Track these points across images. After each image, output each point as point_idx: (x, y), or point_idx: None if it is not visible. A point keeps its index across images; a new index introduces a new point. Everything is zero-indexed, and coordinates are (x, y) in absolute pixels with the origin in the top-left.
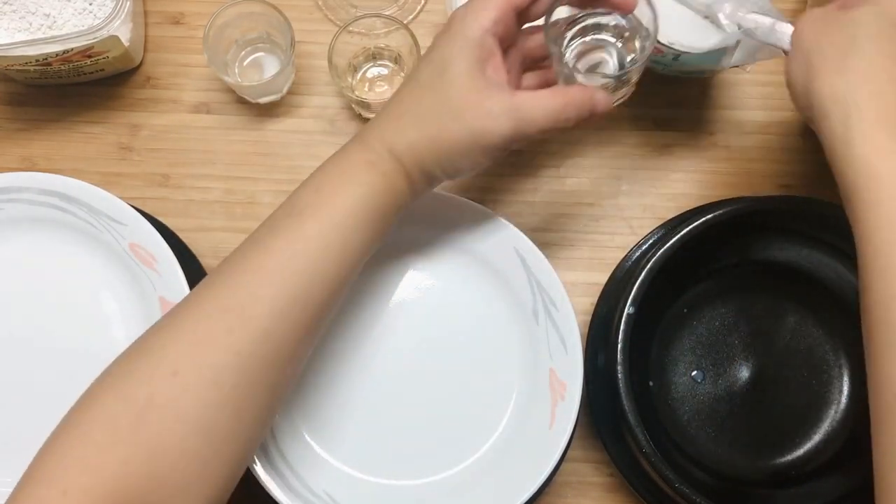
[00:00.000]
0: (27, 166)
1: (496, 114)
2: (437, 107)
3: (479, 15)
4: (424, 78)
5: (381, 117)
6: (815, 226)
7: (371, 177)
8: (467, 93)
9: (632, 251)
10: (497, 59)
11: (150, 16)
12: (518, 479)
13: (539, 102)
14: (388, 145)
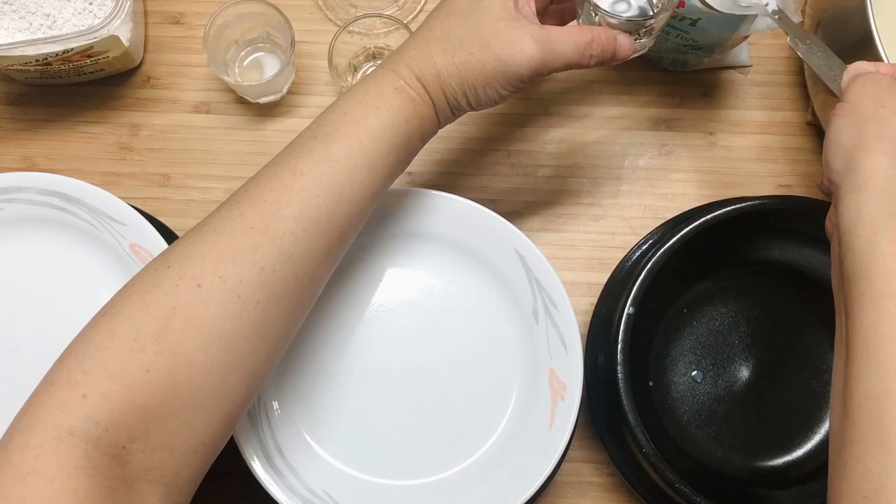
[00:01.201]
0: (27, 166)
1: (525, 43)
2: (467, 34)
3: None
4: (456, 5)
5: (410, 43)
6: (815, 226)
7: (399, 102)
8: (498, 21)
9: (632, 251)
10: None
11: (150, 16)
12: (518, 479)
13: (566, 36)
14: (416, 72)
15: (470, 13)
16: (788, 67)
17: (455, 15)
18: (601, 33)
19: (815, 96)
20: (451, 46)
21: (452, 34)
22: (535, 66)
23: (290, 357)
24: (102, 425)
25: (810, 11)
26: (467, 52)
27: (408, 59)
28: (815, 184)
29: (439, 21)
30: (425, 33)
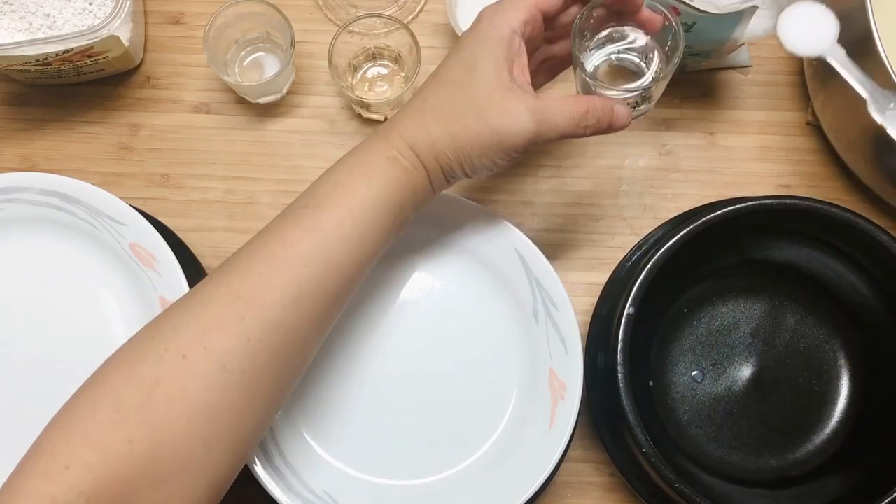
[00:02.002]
0: (27, 166)
1: (520, 114)
2: (462, 104)
3: (509, 15)
4: (451, 76)
5: (404, 113)
6: (815, 226)
7: (392, 172)
8: (493, 92)
9: (632, 251)
10: (523, 60)
11: (150, 16)
12: (518, 479)
13: (561, 106)
14: (410, 141)
15: (464, 83)
16: (788, 67)
17: (449, 85)
18: (597, 104)
19: (815, 96)
20: (447, 117)
21: (447, 104)
22: (530, 137)
23: None
24: (85, 496)
25: None
26: (462, 122)
27: (401, 129)
28: None
29: (433, 91)
30: (419, 103)
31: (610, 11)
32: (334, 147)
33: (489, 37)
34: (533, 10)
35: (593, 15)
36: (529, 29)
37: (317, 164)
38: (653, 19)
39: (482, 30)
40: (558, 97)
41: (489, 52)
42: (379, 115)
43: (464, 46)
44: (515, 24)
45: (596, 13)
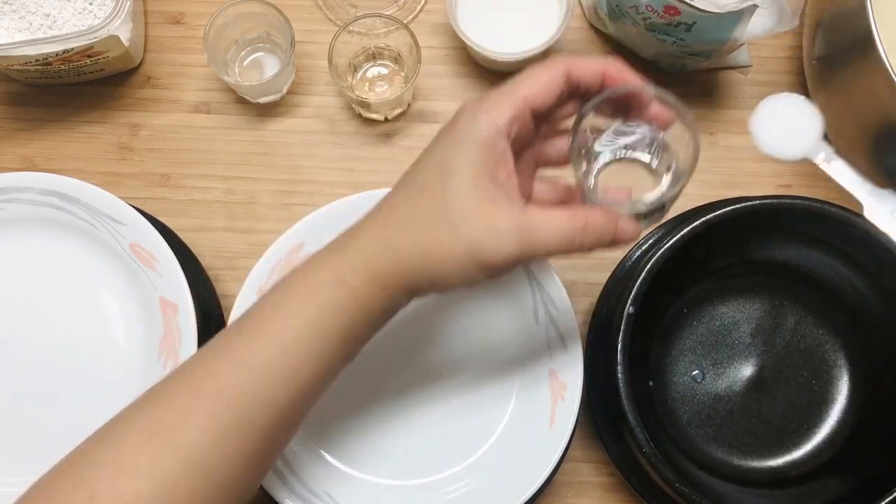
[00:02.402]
0: (27, 166)
1: (501, 231)
2: (435, 216)
3: (492, 112)
4: (424, 180)
5: (368, 222)
6: (815, 226)
7: (338, 294)
8: (471, 203)
9: (632, 251)
10: (508, 165)
11: (150, 16)
12: (518, 479)
13: (553, 224)
14: (369, 258)
15: (439, 191)
16: (789, 67)
17: (421, 191)
18: (598, 219)
19: (815, 96)
20: (415, 230)
21: (418, 215)
22: (513, 258)
23: None
24: None
25: (810, 11)
26: (434, 237)
27: (361, 242)
28: None
29: (403, 196)
30: (385, 211)
31: (614, 107)
32: (334, 147)
33: (469, 138)
34: (521, 106)
35: (595, 112)
36: (517, 128)
37: (317, 164)
38: (664, 115)
39: (461, 129)
40: (551, 211)
41: (468, 155)
42: (379, 115)
43: (440, 146)
44: (500, 123)
45: (598, 110)
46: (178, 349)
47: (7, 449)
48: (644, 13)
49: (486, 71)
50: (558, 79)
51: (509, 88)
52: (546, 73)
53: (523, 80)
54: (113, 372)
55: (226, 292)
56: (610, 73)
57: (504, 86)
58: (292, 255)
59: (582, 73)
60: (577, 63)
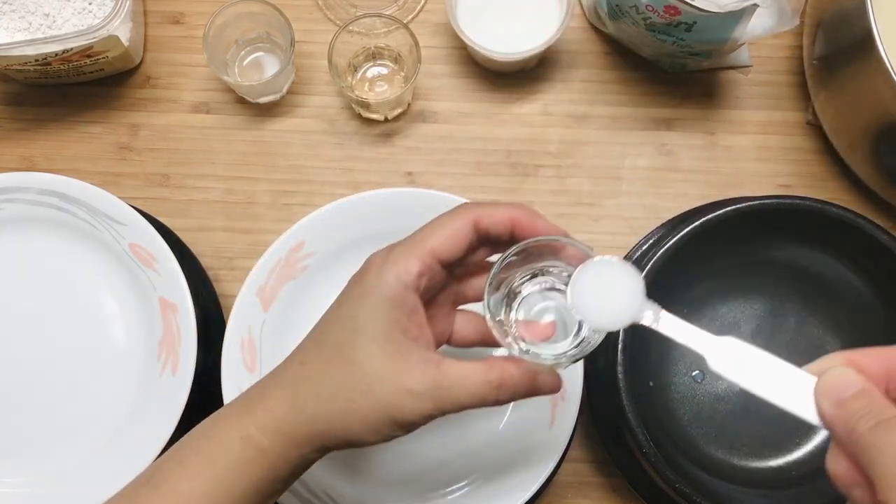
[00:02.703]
0: (27, 166)
1: (415, 392)
2: (346, 377)
3: (399, 267)
4: (333, 338)
5: (278, 378)
6: (815, 226)
7: (245, 454)
8: (382, 362)
9: (632, 251)
10: (420, 318)
11: (150, 16)
12: (518, 479)
13: (467, 382)
14: (278, 419)
15: (348, 350)
16: (788, 67)
17: (331, 350)
18: (514, 374)
19: (815, 96)
20: (326, 391)
21: (328, 375)
22: (429, 416)
23: None
24: None
25: (810, 11)
26: (347, 400)
27: (270, 402)
28: None
29: (312, 353)
30: (295, 367)
31: (528, 254)
32: (334, 147)
33: (376, 294)
34: (427, 260)
35: (509, 265)
36: (426, 280)
37: (316, 164)
38: (580, 256)
39: (369, 285)
40: (466, 367)
41: (377, 312)
42: (379, 115)
43: (348, 302)
44: (407, 279)
45: (512, 261)
46: (178, 349)
47: (7, 449)
48: (644, 13)
49: (486, 71)
50: (466, 230)
51: (417, 240)
52: (453, 225)
53: (430, 231)
54: (113, 372)
55: (225, 292)
56: (519, 221)
57: (412, 237)
58: (292, 255)
59: (490, 223)
60: (484, 213)
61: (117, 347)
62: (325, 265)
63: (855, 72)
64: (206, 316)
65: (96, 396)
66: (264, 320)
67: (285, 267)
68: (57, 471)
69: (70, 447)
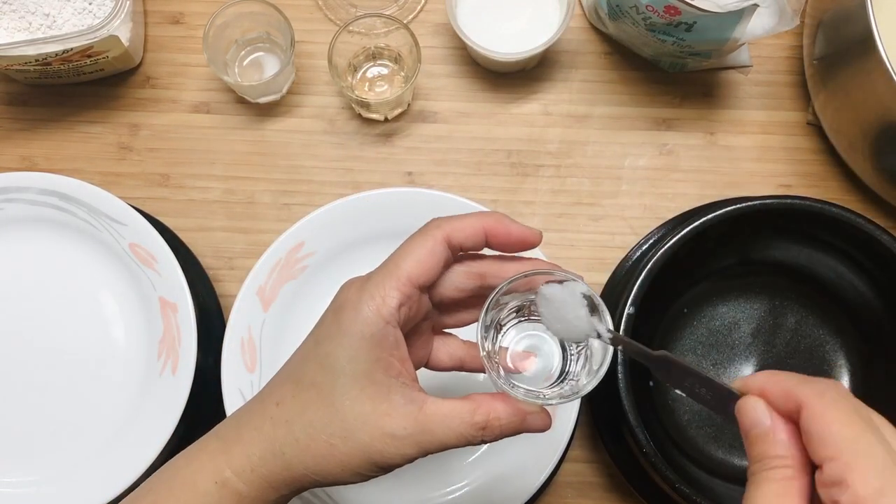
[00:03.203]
0: (27, 166)
1: (398, 437)
2: (326, 420)
3: (377, 301)
4: (310, 378)
5: (254, 417)
6: (815, 226)
7: (221, 498)
8: (362, 406)
9: (632, 251)
10: (401, 352)
11: (150, 16)
12: (518, 479)
13: (452, 422)
14: (255, 461)
15: (327, 390)
16: (789, 67)
17: (308, 390)
18: (501, 414)
19: (815, 96)
20: (305, 435)
21: (306, 418)
22: (411, 457)
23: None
24: None
25: (811, 11)
26: (325, 443)
27: (247, 446)
28: None
29: (290, 395)
30: (271, 409)
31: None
32: (334, 147)
33: (355, 332)
34: (406, 289)
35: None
36: (405, 310)
37: (316, 164)
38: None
39: (346, 321)
40: (450, 407)
41: (356, 351)
42: (379, 115)
43: (326, 340)
44: (387, 313)
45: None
46: (178, 349)
47: (7, 448)
48: (644, 13)
49: (486, 71)
50: (439, 250)
51: (391, 268)
52: (426, 247)
53: (404, 257)
54: (113, 372)
55: (225, 292)
56: (491, 229)
57: (386, 265)
58: (292, 255)
59: (463, 237)
60: (454, 228)
61: (117, 347)
62: (325, 265)
63: (855, 72)
64: (206, 316)
65: (96, 396)
66: (264, 320)
67: (285, 267)
68: (57, 470)
69: (70, 447)
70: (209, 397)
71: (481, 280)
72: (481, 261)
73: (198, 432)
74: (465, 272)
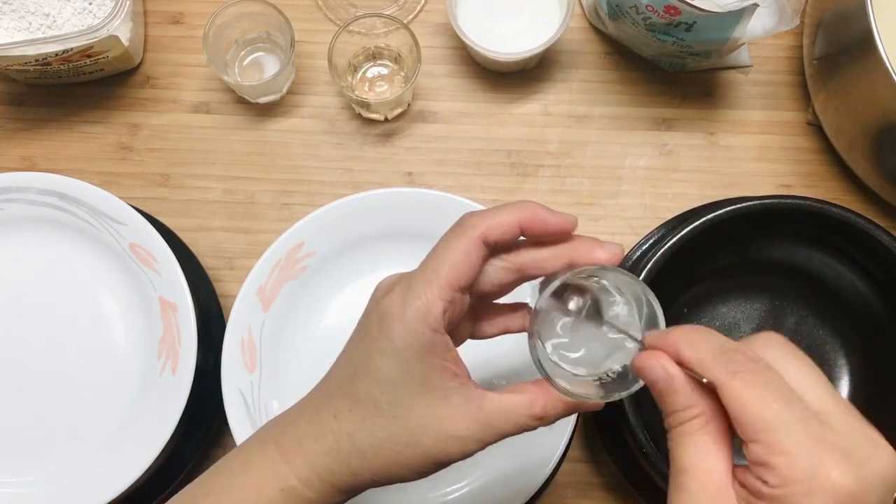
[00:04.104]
0: (27, 166)
1: (462, 437)
2: (389, 433)
3: (423, 311)
4: (366, 393)
5: (310, 427)
6: (815, 226)
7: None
8: (423, 414)
9: (632, 251)
10: (452, 353)
11: (150, 16)
12: (518, 479)
13: (511, 415)
14: (320, 470)
15: (385, 404)
16: (789, 67)
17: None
18: (558, 405)
19: (815, 96)
20: (370, 447)
21: (368, 430)
22: (473, 452)
23: (289, 357)
24: None
25: (811, 11)
26: (391, 451)
27: (309, 454)
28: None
29: (347, 408)
30: (329, 420)
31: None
32: (334, 147)
33: (405, 344)
34: (448, 294)
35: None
36: (450, 314)
37: (317, 164)
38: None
39: (394, 332)
40: (508, 401)
41: (410, 364)
42: (379, 115)
43: (376, 352)
44: (434, 321)
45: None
46: (178, 349)
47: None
48: (644, 13)
49: (486, 71)
50: (476, 250)
51: (430, 273)
52: (462, 248)
53: (441, 260)
54: (113, 372)
55: (225, 292)
56: (527, 222)
57: (424, 268)
58: (292, 255)
59: (499, 233)
60: (490, 226)
61: (117, 347)
62: (325, 265)
63: (855, 72)
64: (206, 316)
65: (96, 396)
66: (264, 320)
67: (285, 267)
68: (57, 470)
69: (70, 447)
70: (209, 397)
71: (520, 274)
72: (517, 252)
73: (198, 432)
74: (503, 268)
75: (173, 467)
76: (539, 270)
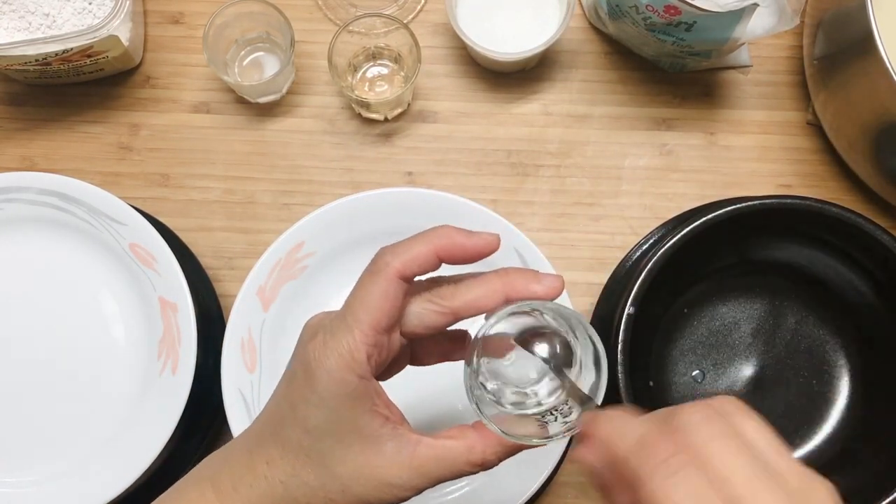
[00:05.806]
0: (27, 166)
1: (395, 486)
2: (321, 482)
3: (346, 358)
4: (295, 441)
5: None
6: (815, 226)
7: None
8: (355, 464)
9: (632, 251)
10: (382, 399)
11: (150, 15)
12: (518, 479)
13: (446, 462)
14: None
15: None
16: (789, 67)
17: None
18: (497, 449)
19: (815, 96)
20: (302, 494)
21: (300, 479)
22: (408, 499)
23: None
24: None
25: (811, 11)
26: (325, 499)
27: (244, 498)
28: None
29: (278, 455)
30: (262, 468)
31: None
32: (334, 147)
33: (331, 394)
34: (371, 338)
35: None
36: (376, 358)
37: (317, 164)
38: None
39: (318, 383)
40: (444, 447)
41: (337, 413)
42: (379, 115)
43: (301, 402)
44: (358, 369)
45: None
46: (178, 349)
47: (7, 448)
48: (644, 13)
49: (486, 71)
50: (393, 289)
51: (350, 321)
52: (379, 290)
53: (360, 304)
54: (113, 372)
55: (225, 292)
56: (444, 250)
57: (344, 318)
58: (292, 255)
59: (416, 267)
60: (405, 261)
61: (117, 347)
62: (325, 265)
63: (855, 72)
64: (206, 316)
65: (96, 396)
66: (264, 320)
67: (285, 267)
68: (57, 470)
69: (70, 447)
70: (209, 397)
71: (455, 317)
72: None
73: (198, 432)
74: (436, 311)
75: (173, 467)
76: (475, 311)
